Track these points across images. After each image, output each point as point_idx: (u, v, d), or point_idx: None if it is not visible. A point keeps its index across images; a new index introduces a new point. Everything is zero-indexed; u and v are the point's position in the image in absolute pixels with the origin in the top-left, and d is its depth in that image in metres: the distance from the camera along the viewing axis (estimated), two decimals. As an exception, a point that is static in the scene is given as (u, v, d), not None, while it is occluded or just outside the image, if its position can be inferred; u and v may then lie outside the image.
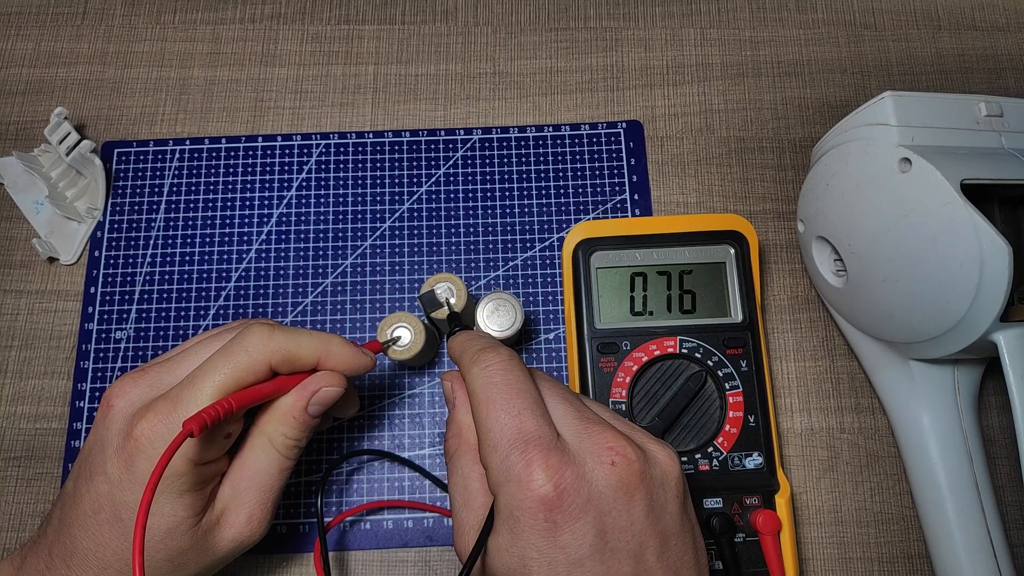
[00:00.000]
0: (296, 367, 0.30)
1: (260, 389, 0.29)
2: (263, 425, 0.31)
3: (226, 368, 0.28)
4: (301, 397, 0.30)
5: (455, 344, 0.31)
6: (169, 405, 0.28)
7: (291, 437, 0.30)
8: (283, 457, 0.31)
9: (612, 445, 0.25)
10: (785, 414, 0.40)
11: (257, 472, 0.30)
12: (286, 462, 0.31)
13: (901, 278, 0.33)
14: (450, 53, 0.47)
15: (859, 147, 0.34)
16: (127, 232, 0.43)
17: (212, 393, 0.28)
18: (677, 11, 0.48)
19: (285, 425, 0.30)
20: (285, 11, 0.48)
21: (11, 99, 0.46)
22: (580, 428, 0.26)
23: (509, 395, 0.26)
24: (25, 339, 0.41)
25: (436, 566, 0.38)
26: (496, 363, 0.27)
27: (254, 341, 0.29)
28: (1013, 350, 0.30)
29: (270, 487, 0.31)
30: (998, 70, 0.46)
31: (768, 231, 0.43)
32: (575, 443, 0.26)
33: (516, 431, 0.25)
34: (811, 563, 0.38)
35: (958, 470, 0.35)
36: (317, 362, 0.30)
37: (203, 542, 0.29)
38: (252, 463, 0.30)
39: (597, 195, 0.43)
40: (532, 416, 0.26)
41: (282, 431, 0.30)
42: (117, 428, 0.28)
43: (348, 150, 0.45)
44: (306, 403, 0.30)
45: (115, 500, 0.28)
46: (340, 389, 0.31)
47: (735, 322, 0.37)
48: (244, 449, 0.31)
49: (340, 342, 0.31)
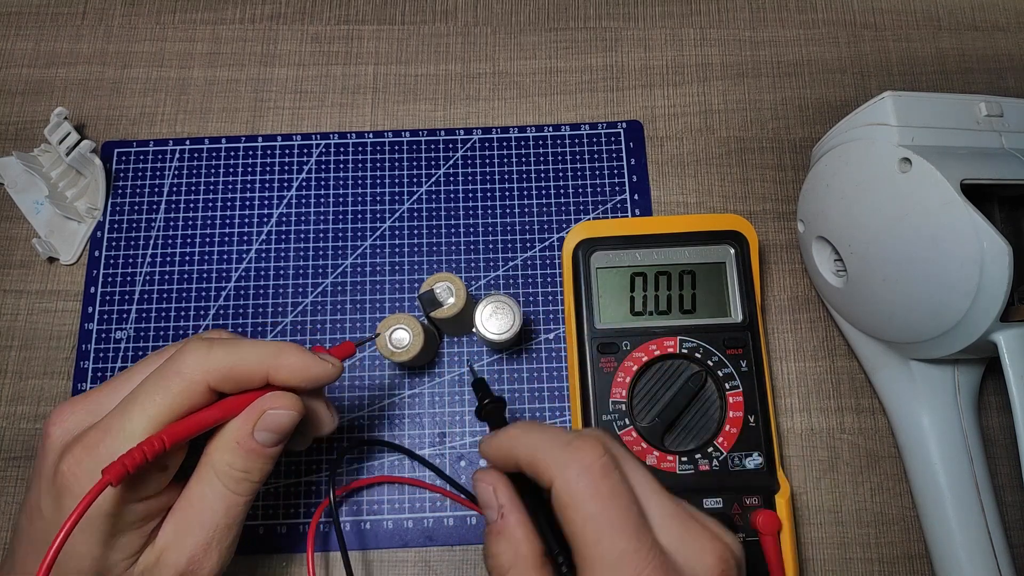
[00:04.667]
0: (242, 385, 0.27)
1: (200, 418, 0.26)
2: (210, 454, 0.27)
3: (157, 395, 0.25)
4: (246, 422, 0.27)
5: (510, 437, 0.27)
6: (98, 436, 0.25)
7: (238, 468, 0.27)
8: (229, 492, 0.27)
9: (715, 552, 0.24)
10: (785, 414, 0.40)
11: (202, 509, 0.27)
12: (235, 497, 0.27)
13: (901, 278, 0.33)
14: (450, 53, 0.47)
15: (859, 147, 0.34)
16: (127, 232, 0.43)
17: (144, 423, 0.25)
18: (677, 11, 0.48)
19: (230, 454, 0.27)
20: (285, 11, 0.48)
21: (11, 99, 0.46)
22: (679, 531, 0.25)
23: (618, 509, 0.24)
24: (25, 339, 0.41)
25: (436, 566, 0.38)
26: (598, 465, 0.24)
27: (188, 360, 0.26)
28: (1013, 350, 0.30)
29: (215, 526, 0.27)
30: (998, 70, 0.46)
31: (768, 231, 0.43)
32: (678, 549, 0.24)
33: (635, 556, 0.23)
34: (811, 563, 0.38)
35: (958, 470, 0.35)
36: (265, 377, 0.27)
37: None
38: (197, 498, 0.27)
39: (597, 195, 0.43)
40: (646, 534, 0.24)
41: (227, 461, 0.27)
42: (51, 460, 0.26)
43: (348, 150, 0.44)
44: (251, 428, 0.27)
45: (48, 539, 0.25)
46: (291, 412, 0.27)
47: (735, 322, 0.37)
48: (191, 482, 0.27)
49: (292, 350, 0.27)
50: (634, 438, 0.35)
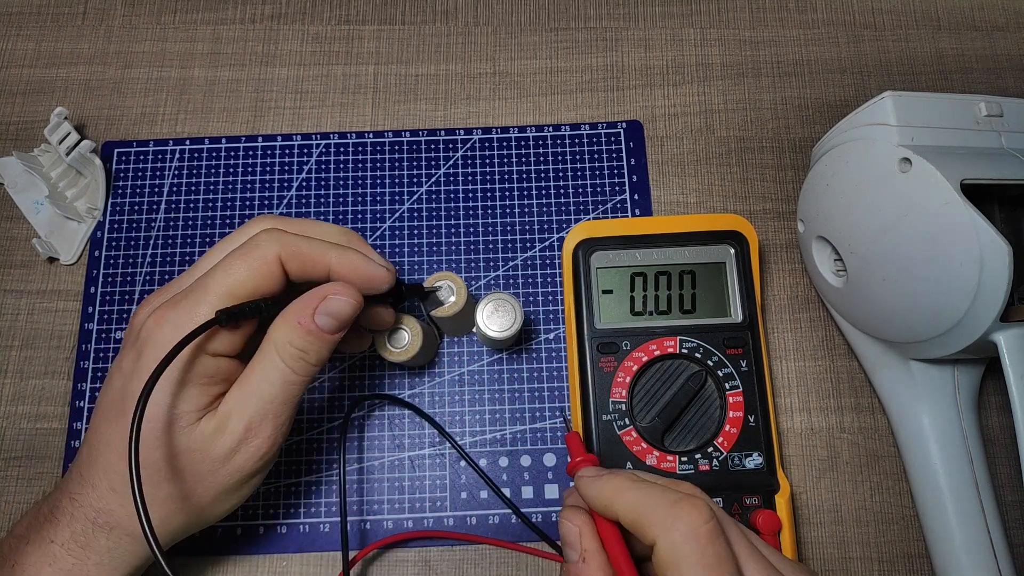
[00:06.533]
0: (307, 267, 0.30)
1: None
2: (272, 333, 0.29)
3: (236, 266, 0.29)
4: (308, 304, 0.29)
5: (615, 488, 0.27)
6: (180, 297, 0.29)
7: (297, 346, 0.29)
8: (287, 368, 0.29)
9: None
10: (785, 414, 0.40)
11: (261, 382, 0.29)
12: (291, 375, 0.29)
13: (901, 278, 0.33)
14: (450, 53, 0.47)
15: (859, 147, 0.34)
16: (127, 232, 0.43)
17: (225, 289, 0.28)
18: (677, 11, 0.48)
19: (290, 332, 0.29)
20: (285, 11, 0.48)
21: (11, 99, 0.46)
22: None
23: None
24: (25, 339, 0.41)
25: (436, 566, 0.38)
26: (705, 530, 0.24)
27: (265, 238, 0.29)
28: (1013, 350, 0.30)
29: (272, 398, 0.29)
30: (998, 70, 0.46)
31: (768, 231, 0.43)
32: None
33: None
34: (811, 563, 0.38)
35: (958, 470, 0.35)
36: (327, 266, 0.30)
37: (202, 447, 0.29)
38: (258, 371, 0.29)
39: (597, 195, 0.43)
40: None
41: (287, 339, 0.29)
42: (136, 326, 0.29)
43: (348, 150, 0.45)
44: (313, 310, 0.29)
45: (125, 392, 0.28)
46: (350, 300, 0.29)
47: (735, 322, 0.37)
48: (254, 358, 0.30)
49: (350, 253, 0.30)
50: (634, 438, 0.35)
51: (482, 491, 0.38)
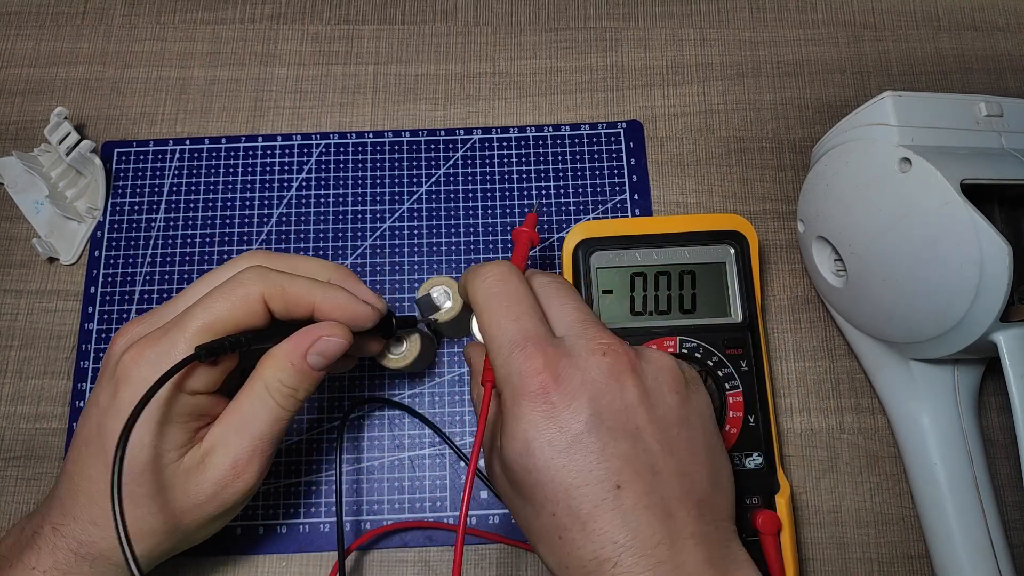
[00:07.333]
0: (290, 306, 0.30)
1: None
2: (261, 370, 0.30)
3: (218, 303, 0.28)
4: (300, 344, 0.29)
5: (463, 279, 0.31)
6: (159, 333, 0.28)
7: (287, 385, 0.29)
8: (277, 405, 0.30)
9: (604, 340, 0.27)
10: (785, 414, 0.40)
11: (250, 418, 0.29)
12: (280, 411, 0.30)
13: (901, 278, 0.33)
14: (450, 53, 0.47)
15: (859, 147, 0.34)
16: (127, 232, 0.43)
17: (205, 324, 0.28)
18: (677, 11, 0.48)
19: (282, 372, 0.29)
20: (285, 11, 0.48)
21: (11, 99, 0.46)
22: (578, 328, 0.28)
23: (508, 302, 0.28)
24: (25, 339, 0.41)
25: (436, 566, 0.38)
26: (494, 275, 0.29)
27: (249, 275, 0.29)
28: (1013, 350, 0.30)
29: (261, 435, 0.29)
30: (998, 70, 0.46)
31: (768, 231, 0.43)
32: (571, 340, 0.28)
33: (516, 332, 0.27)
34: (811, 563, 0.38)
35: (958, 470, 0.35)
36: (311, 305, 0.30)
37: (186, 482, 0.29)
38: (246, 407, 0.29)
39: (597, 195, 0.43)
40: (529, 319, 0.28)
41: (279, 377, 0.29)
42: (113, 360, 0.29)
43: (348, 150, 0.45)
44: (305, 351, 0.29)
45: (102, 429, 0.28)
46: (341, 341, 0.30)
47: (735, 322, 0.37)
48: (241, 393, 0.30)
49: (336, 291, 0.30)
50: (634, 438, 0.35)
51: (482, 491, 0.38)
